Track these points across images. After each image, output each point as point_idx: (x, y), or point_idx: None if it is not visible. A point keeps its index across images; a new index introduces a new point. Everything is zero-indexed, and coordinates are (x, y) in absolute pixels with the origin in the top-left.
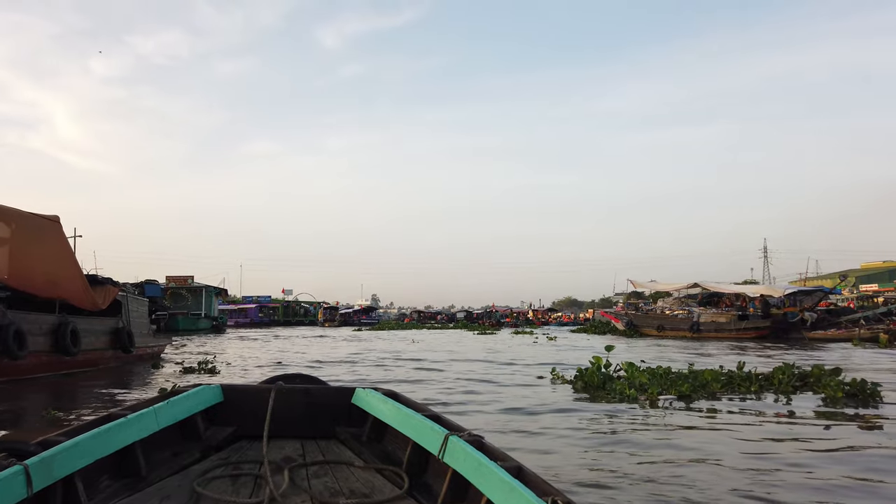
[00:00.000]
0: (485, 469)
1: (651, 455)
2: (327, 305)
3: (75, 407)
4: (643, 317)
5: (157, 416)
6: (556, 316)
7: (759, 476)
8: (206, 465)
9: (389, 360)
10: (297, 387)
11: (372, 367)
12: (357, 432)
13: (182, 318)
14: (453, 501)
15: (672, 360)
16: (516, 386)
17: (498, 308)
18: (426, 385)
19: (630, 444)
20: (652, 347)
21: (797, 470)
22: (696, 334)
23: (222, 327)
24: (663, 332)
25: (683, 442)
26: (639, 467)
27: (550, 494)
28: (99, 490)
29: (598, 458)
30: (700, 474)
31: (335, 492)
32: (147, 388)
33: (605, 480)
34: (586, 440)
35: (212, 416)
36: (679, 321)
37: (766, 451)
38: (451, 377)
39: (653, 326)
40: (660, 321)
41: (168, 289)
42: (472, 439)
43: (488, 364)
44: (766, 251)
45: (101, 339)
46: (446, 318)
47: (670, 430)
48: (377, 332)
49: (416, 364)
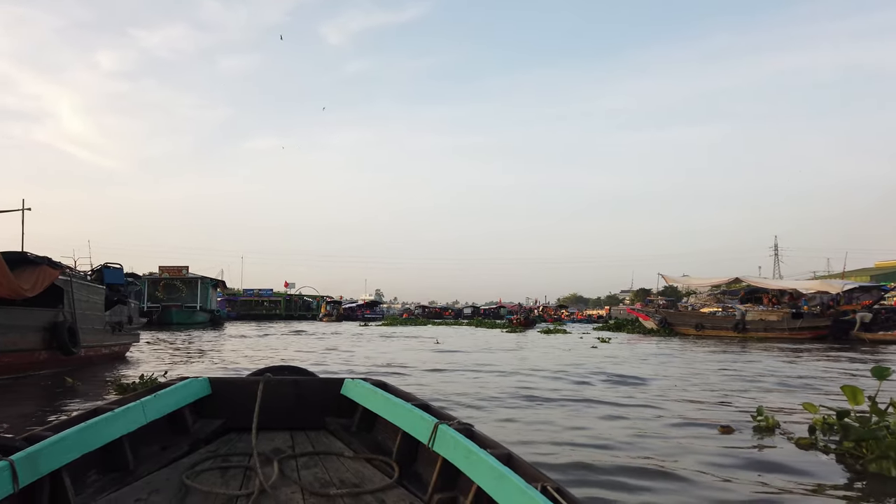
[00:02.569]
0: (474, 457)
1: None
2: (331, 300)
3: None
4: (679, 314)
5: (144, 409)
6: (567, 313)
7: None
8: (194, 458)
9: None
10: (286, 378)
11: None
12: (346, 423)
13: (176, 312)
14: (443, 490)
15: (775, 372)
16: (719, 454)
17: (505, 304)
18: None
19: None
20: (710, 351)
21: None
22: (742, 334)
23: (220, 321)
24: (702, 332)
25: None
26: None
27: (540, 480)
28: (87, 485)
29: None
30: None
31: (325, 482)
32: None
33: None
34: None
35: (200, 408)
36: (720, 319)
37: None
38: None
39: (690, 325)
40: (698, 319)
41: (161, 280)
42: (461, 427)
43: (579, 382)
44: (776, 249)
45: (26, 338)
46: (454, 314)
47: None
48: (385, 329)
49: (495, 386)
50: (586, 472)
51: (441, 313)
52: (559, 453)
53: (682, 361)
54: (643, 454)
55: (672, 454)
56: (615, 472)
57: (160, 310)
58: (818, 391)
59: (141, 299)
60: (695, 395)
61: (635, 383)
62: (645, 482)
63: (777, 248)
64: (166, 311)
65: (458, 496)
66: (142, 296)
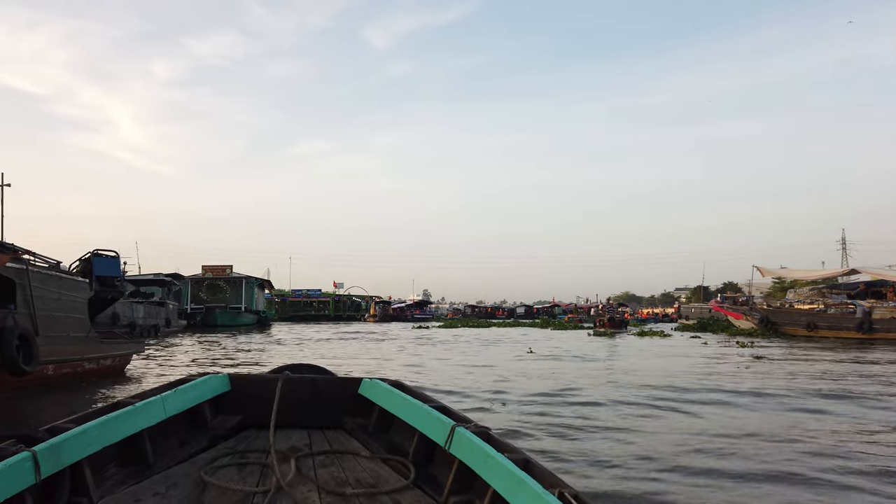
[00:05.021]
0: (491, 460)
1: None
2: (379, 300)
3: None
4: (785, 312)
5: (164, 404)
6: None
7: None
8: (212, 454)
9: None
10: (304, 376)
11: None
12: (364, 422)
13: (220, 313)
14: (459, 492)
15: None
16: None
17: (559, 303)
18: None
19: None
20: (877, 361)
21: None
22: (868, 335)
23: (268, 322)
24: (815, 332)
25: None
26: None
27: (557, 486)
28: (106, 477)
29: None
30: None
31: (341, 481)
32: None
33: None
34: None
35: (219, 405)
36: (837, 318)
37: None
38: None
39: (800, 324)
40: (810, 318)
41: (204, 280)
42: (478, 430)
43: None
44: (844, 242)
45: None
46: (506, 314)
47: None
48: (448, 332)
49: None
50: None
51: (494, 313)
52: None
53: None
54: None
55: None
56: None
57: (204, 311)
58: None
59: (183, 301)
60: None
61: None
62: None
63: (844, 242)
64: (210, 313)
65: (473, 499)
66: (183, 297)
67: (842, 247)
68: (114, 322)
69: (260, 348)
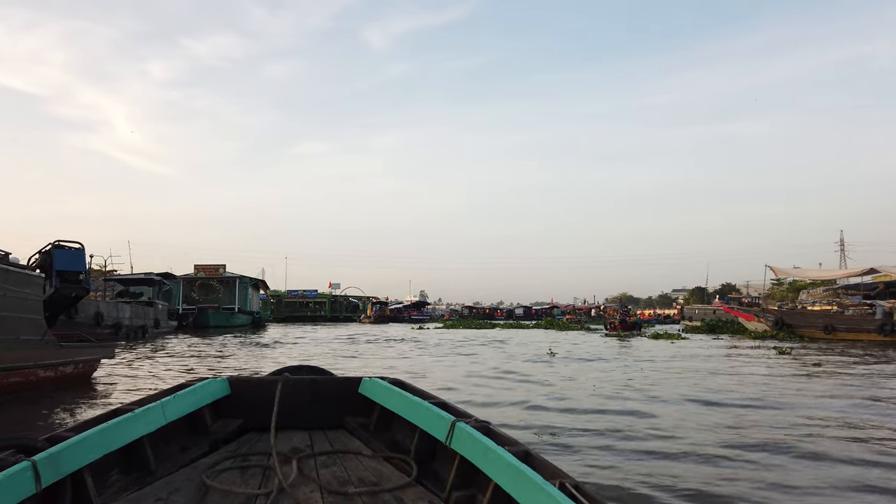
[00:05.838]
0: (492, 454)
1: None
2: (376, 300)
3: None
4: (800, 314)
5: (164, 410)
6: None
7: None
8: (214, 458)
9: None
10: (304, 378)
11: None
12: (364, 421)
13: (213, 314)
14: (461, 487)
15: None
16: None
17: (557, 304)
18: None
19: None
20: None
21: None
22: (890, 337)
23: (262, 324)
24: (833, 334)
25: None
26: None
27: (558, 477)
28: (108, 485)
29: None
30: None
31: (344, 481)
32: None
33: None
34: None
35: (219, 409)
36: (856, 319)
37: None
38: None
39: (817, 326)
40: (827, 320)
41: (196, 280)
42: (478, 425)
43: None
44: (842, 243)
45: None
46: (505, 315)
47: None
48: (450, 334)
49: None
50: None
51: (492, 314)
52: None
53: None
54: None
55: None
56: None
57: (196, 312)
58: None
59: (174, 301)
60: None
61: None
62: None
63: (843, 243)
64: (202, 314)
65: (476, 494)
66: (174, 297)
67: (840, 248)
68: (97, 323)
69: (253, 351)
